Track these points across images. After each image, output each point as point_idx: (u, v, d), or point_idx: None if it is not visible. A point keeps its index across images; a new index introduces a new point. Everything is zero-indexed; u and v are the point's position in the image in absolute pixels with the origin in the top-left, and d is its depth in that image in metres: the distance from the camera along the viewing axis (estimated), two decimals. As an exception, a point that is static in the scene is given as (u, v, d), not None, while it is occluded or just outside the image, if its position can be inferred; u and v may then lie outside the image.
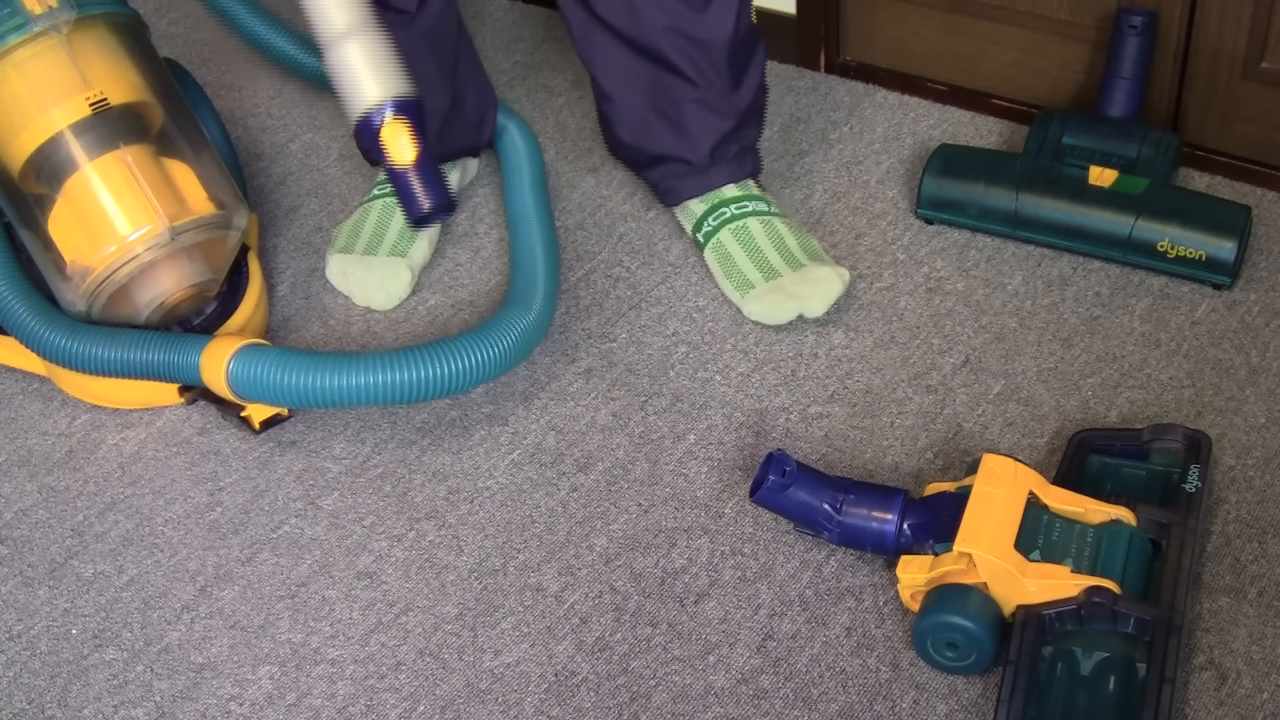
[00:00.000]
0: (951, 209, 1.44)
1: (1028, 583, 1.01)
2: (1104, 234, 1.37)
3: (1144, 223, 1.35)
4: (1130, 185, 1.38)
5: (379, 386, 1.18)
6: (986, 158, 1.47)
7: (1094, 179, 1.39)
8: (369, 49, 1.14)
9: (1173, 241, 1.34)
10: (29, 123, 1.25)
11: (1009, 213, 1.41)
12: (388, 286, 1.43)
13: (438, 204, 1.15)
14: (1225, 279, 1.33)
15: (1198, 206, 1.38)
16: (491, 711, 1.07)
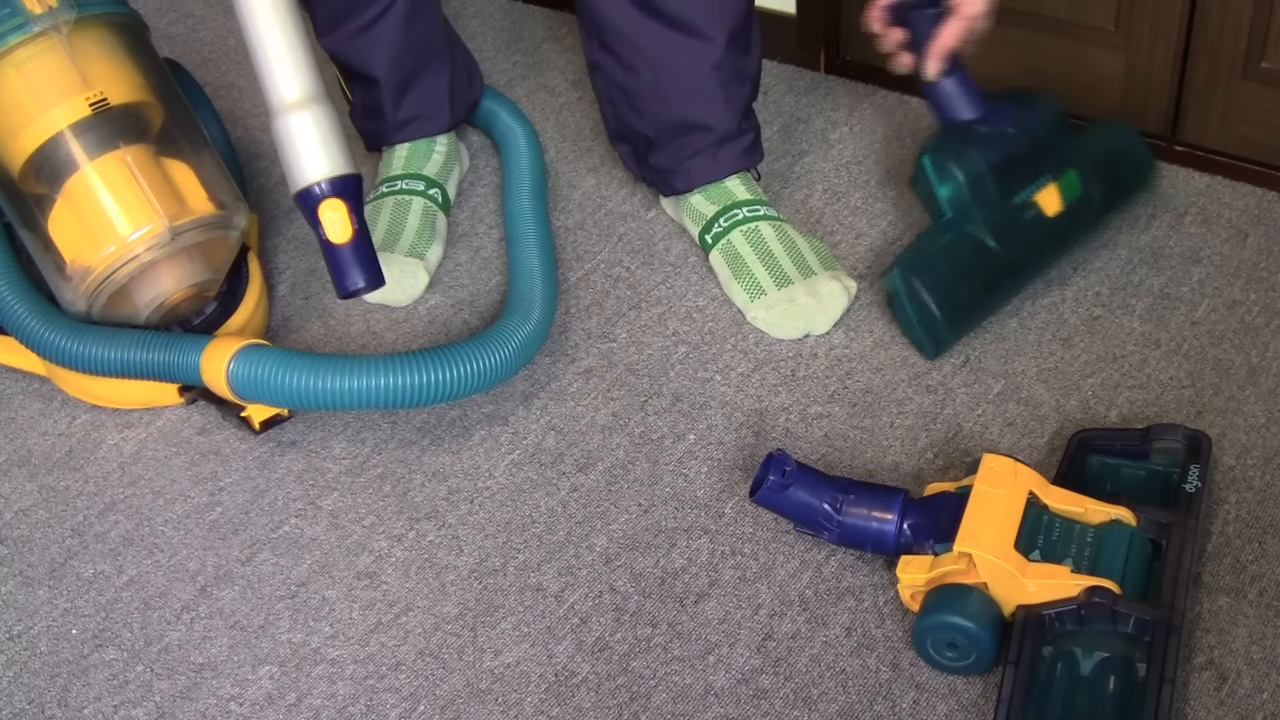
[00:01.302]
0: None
1: (1028, 583, 1.01)
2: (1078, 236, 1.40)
3: (1098, 207, 1.38)
4: (1069, 186, 1.35)
5: (380, 390, 1.18)
6: (952, 261, 1.32)
7: (1047, 206, 1.34)
8: (318, 122, 1.18)
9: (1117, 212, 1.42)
10: (29, 123, 1.25)
11: (1003, 295, 1.35)
12: (404, 284, 1.43)
13: (368, 282, 1.20)
14: (1150, 171, 1.43)
15: (1109, 150, 1.41)
16: (491, 711, 1.07)
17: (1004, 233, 1.31)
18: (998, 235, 1.31)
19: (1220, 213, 1.44)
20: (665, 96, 1.39)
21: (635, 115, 1.43)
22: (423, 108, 1.52)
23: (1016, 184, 1.32)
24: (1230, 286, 1.35)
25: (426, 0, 1.49)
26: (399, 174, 1.51)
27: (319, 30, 1.50)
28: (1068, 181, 1.34)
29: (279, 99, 1.18)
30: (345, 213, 1.17)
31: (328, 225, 1.16)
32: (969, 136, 1.33)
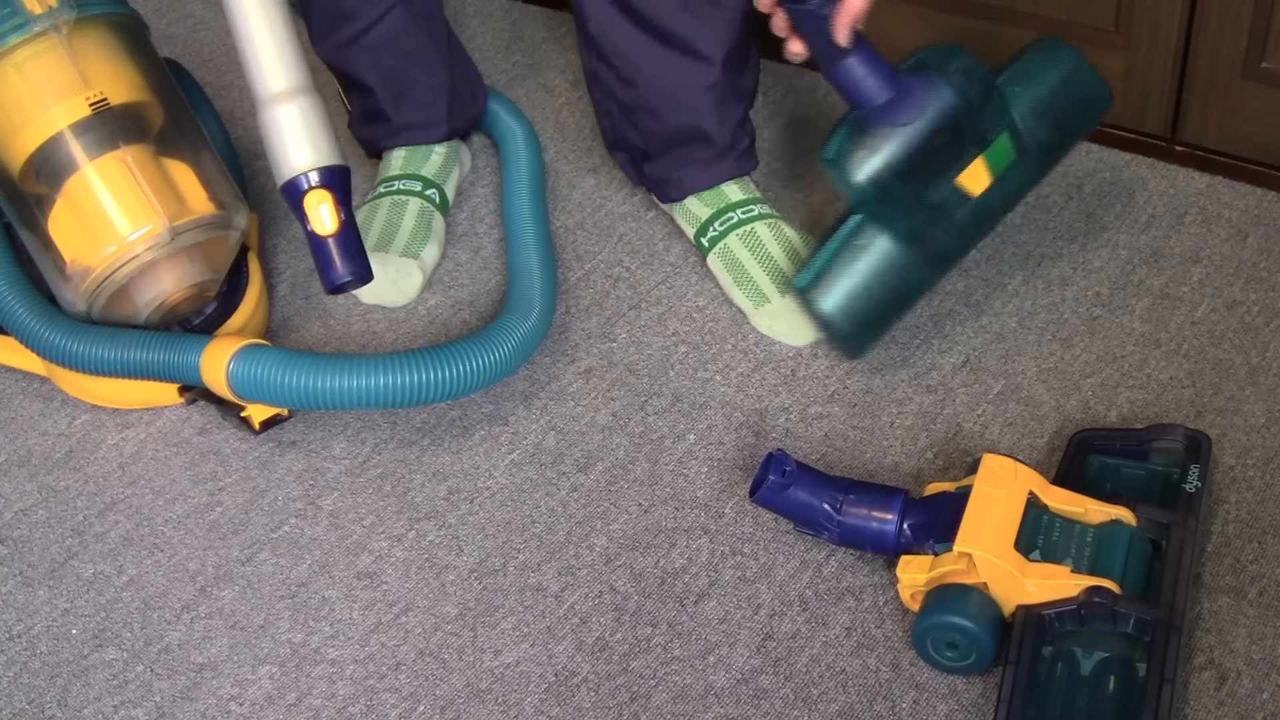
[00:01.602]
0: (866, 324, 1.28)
1: (1028, 583, 1.01)
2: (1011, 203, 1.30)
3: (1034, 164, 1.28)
4: (999, 154, 1.24)
5: (379, 389, 1.18)
6: (860, 274, 1.24)
7: (973, 185, 1.24)
8: (305, 112, 1.16)
9: (1063, 156, 1.31)
10: (29, 123, 1.25)
11: (927, 287, 1.28)
12: (400, 284, 1.43)
13: (355, 276, 1.17)
14: (1108, 100, 1.31)
15: (1042, 87, 1.27)
16: (491, 711, 1.07)
17: (921, 231, 1.23)
18: (913, 237, 1.23)
19: (1220, 213, 1.44)
20: (659, 112, 1.39)
21: (631, 127, 1.43)
22: (419, 117, 1.52)
23: (933, 173, 1.22)
24: (1230, 286, 1.35)
25: (424, 11, 1.48)
26: (396, 174, 1.51)
27: (314, 38, 1.50)
28: (997, 150, 1.24)
29: (265, 90, 1.17)
30: (332, 204, 1.15)
31: (313, 217, 1.14)
32: (871, 132, 1.20)
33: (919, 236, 1.23)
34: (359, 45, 1.47)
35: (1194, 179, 1.48)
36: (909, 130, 1.20)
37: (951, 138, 1.21)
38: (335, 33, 1.47)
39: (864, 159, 1.20)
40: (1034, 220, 1.46)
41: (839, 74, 1.20)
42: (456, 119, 1.54)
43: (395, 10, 1.46)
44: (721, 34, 1.36)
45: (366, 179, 1.61)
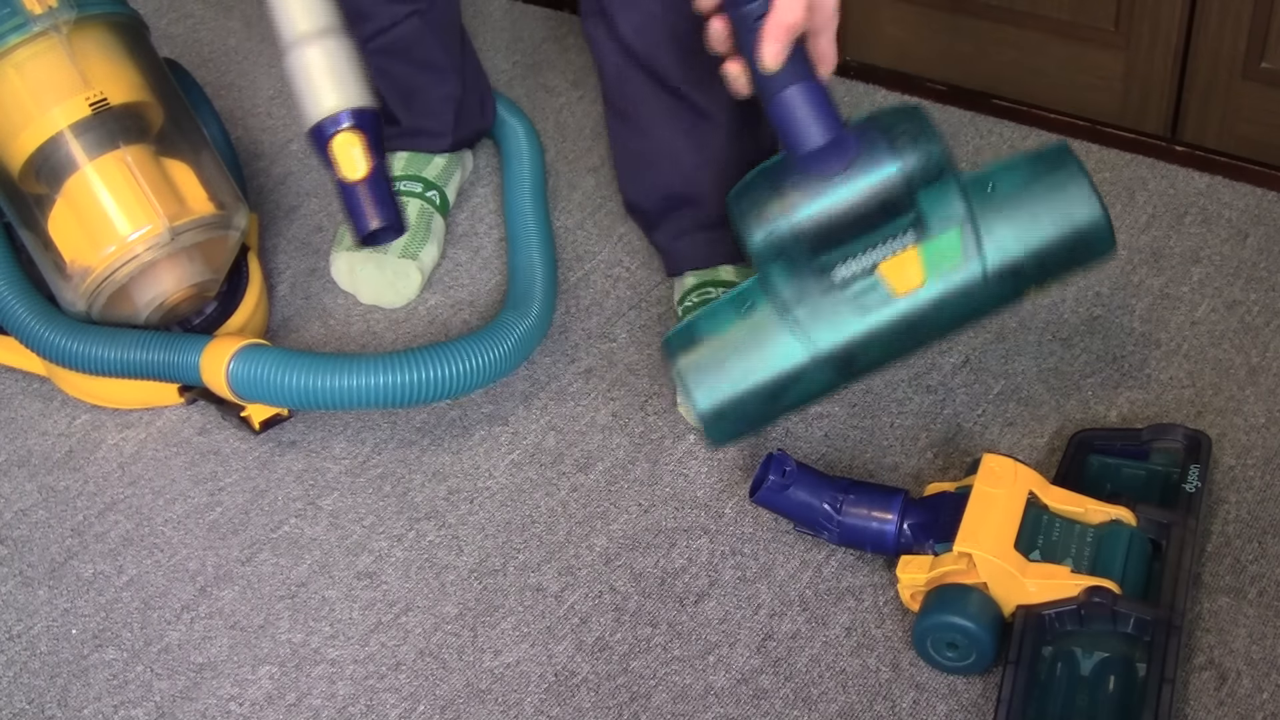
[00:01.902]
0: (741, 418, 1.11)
1: (1028, 583, 1.01)
2: (950, 324, 1.07)
3: (993, 286, 1.04)
4: (943, 252, 1.03)
5: (380, 388, 1.18)
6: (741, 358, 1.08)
7: (896, 277, 1.02)
8: (332, 54, 1.11)
9: (1039, 274, 1.05)
10: (29, 123, 1.25)
11: (818, 395, 1.10)
12: (398, 285, 1.43)
13: (387, 222, 1.09)
14: (1111, 247, 1.06)
15: (1024, 196, 1.05)
16: (491, 711, 1.07)
17: (821, 319, 1.04)
18: (810, 323, 1.04)
19: (1220, 213, 1.44)
20: (660, 167, 1.34)
21: (639, 182, 1.39)
22: (426, 124, 1.51)
23: (849, 249, 1.03)
24: (1230, 286, 1.35)
25: (441, 21, 1.47)
26: (398, 175, 1.51)
27: None
28: (940, 246, 1.02)
29: (290, 32, 1.12)
30: (361, 147, 1.07)
31: (342, 161, 1.05)
32: (786, 179, 1.02)
33: (817, 325, 1.04)
34: (372, 47, 1.47)
35: (1194, 179, 1.48)
36: (829, 186, 1.00)
37: (882, 212, 1.01)
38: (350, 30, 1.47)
39: (765, 205, 1.01)
40: (1034, 220, 1.46)
41: (774, 107, 1.01)
42: (463, 130, 1.53)
43: (412, 19, 1.45)
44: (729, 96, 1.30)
45: (366, 179, 1.61)
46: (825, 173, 1.00)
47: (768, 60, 0.99)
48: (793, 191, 1.01)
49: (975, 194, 1.04)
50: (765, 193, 1.02)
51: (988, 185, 1.05)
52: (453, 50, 1.49)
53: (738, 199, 1.04)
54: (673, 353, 1.09)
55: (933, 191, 1.02)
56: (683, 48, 1.23)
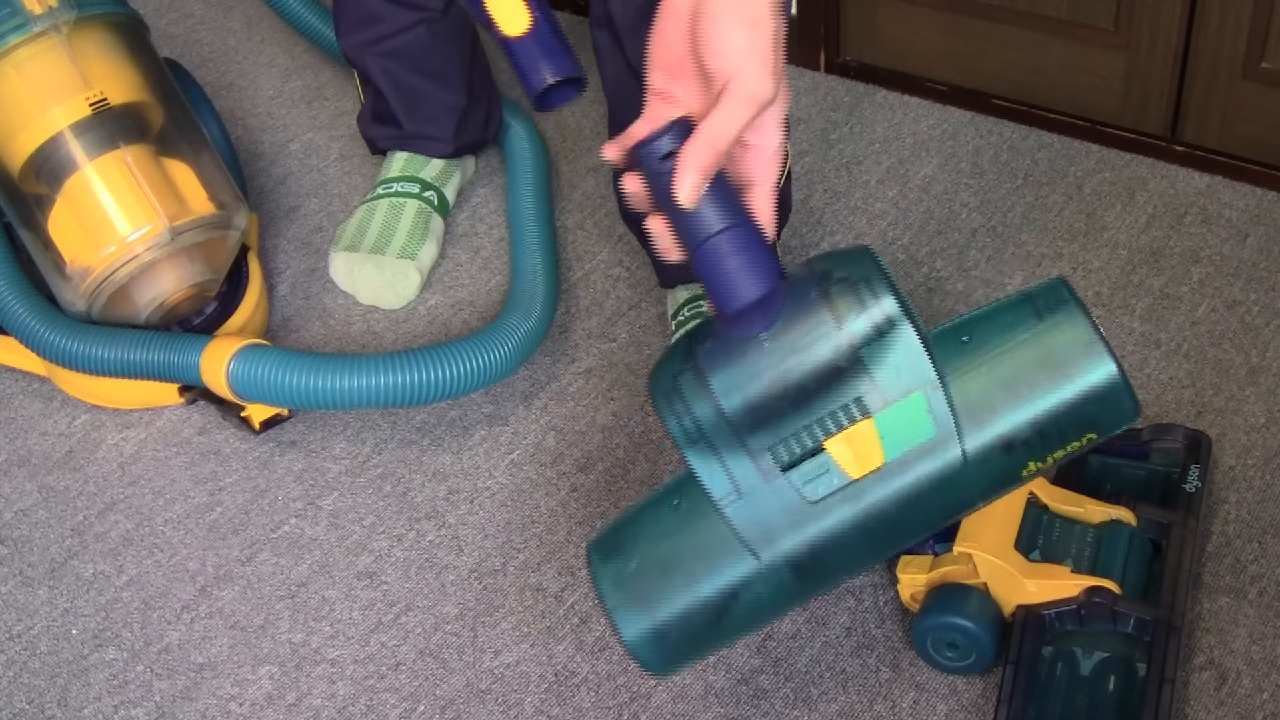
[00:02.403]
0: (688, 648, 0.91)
1: (1028, 583, 1.01)
2: (924, 521, 0.86)
3: (977, 464, 0.84)
4: (903, 422, 0.83)
5: (380, 389, 1.18)
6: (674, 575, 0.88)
7: (849, 461, 0.84)
8: None
9: (1040, 456, 0.84)
10: (29, 123, 1.25)
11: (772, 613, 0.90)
12: (397, 286, 1.43)
13: (559, 75, 0.90)
14: (1133, 418, 0.84)
15: (1030, 375, 0.83)
16: (491, 711, 1.07)
17: (765, 515, 0.85)
18: (752, 523, 0.85)
19: (1220, 213, 1.44)
20: None
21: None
22: (427, 130, 1.51)
23: (787, 427, 0.84)
24: (1230, 286, 1.35)
25: (450, 31, 1.46)
26: (396, 176, 1.51)
27: (340, 31, 1.49)
28: (901, 416, 0.83)
29: None
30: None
31: (498, 16, 0.90)
32: (700, 353, 0.84)
33: (760, 522, 0.85)
34: (379, 50, 1.47)
35: (1194, 179, 1.48)
36: (755, 353, 0.82)
37: (825, 380, 0.82)
38: (358, 32, 1.47)
39: (682, 387, 0.84)
40: (1034, 220, 1.46)
41: (699, 260, 0.83)
42: (463, 138, 1.53)
43: (420, 27, 1.45)
44: None
45: (366, 179, 1.61)
46: (746, 334, 0.82)
47: (682, 195, 0.80)
48: (711, 365, 0.83)
49: (946, 348, 0.84)
50: (680, 370, 0.85)
51: (961, 336, 0.84)
52: (461, 60, 1.49)
53: (653, 382, 0.87)
54: (595, 574, 0.90)
55: (886, 349, 0.82)
56: None
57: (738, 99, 0.80)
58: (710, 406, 0.83)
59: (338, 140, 1.68)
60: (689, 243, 0.83)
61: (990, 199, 1.49)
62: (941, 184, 1.52)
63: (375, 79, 1.49)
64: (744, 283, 0.83)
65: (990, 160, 1.55)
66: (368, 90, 1.54)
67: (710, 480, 0.85)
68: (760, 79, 0.80)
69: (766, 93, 0.80)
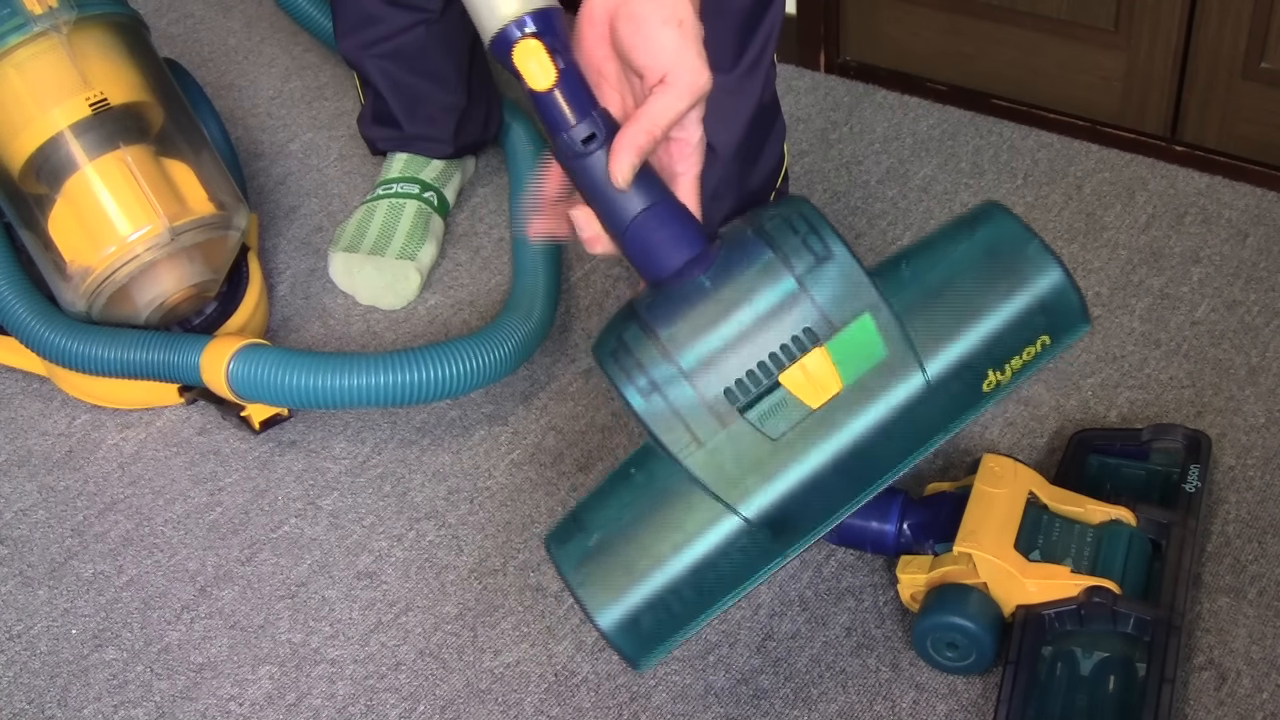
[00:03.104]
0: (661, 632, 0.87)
1: (1028, 583, 1.01)
2: (895, 448, 0.84)
3: (938, 383, 0.83)
4: (855, 345, 0.83)
5: (379, 388, 1.18)
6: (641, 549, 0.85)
7: (805, 390, 0.82)
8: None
9: (998, 362, 0.84)
10: (29, 123, 1.25)
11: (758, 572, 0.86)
12: (397, 287, 1.43)
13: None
14: (1085, 324, 0.86)
15: (972, 280, 0.84)
16: (491, 711, 1.07)
17: (727, 460, 0.83)
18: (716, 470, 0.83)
19: (1220, 213, 1.44)
20: None
21: None
22: (427, 131, 1.51)
23: (741, 366, 0.83)
24: (1230, 286, 1.35)
25: (449, 32, 1.46)
26: (396, 177, 1.51)
27: (338, 33, 1.49)
28: (852, 339, 0.83)
29: None
30: (544, 53, 0.93)
31: (525, 72, 0.91)
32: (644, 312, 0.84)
33: (724, 469, 0.83)
34: (378, 51, 1.47)
35: (1194, 179, 1.48)
36: (701, 291, 0.82)
37: (772, 317, 0.82)
38: (356, 34, 1.47)
39: (634, 349, 0.83)
40: (1034, 220, 1.46)
41: (629, 239, 0.84)
42: (463, 139, 1.53)
43: (419, 28, 1.45)
44: (731, 129, 1.24)
45: (366, 179, 1.61)
46: (690, 274, 0.82)
47: (618, 175, 0.82)
48: (655, 315, 0.83)
49: (887, 276, 0.85)
50: (625, 327, 0.84)
51: (901, 264, 0.85)
52: (460, 61, 1.49)
53: (598, 347, 0.85)
54: (556, 558, 0.87)
55: (827, 276, 0.82)
56: None
57: (676, 90, 0.82)
58: (659, 356, 0.82)
59: (338, 140, 1.68)
60: (617, 225, 0.84)
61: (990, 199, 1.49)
62: (941, 184, 1.52)
63: (374, 80, 1.49)
64: (673, 250, 0.84)
65: (990, 160, 1.55)
66: (367, 91, 1.54)
67: (667, 435, 0.83)
68: (697, 71, 0.82)
69: (703, 84, 0.83)
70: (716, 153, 1.25)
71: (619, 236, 0.85)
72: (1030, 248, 0.84)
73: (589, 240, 0.86)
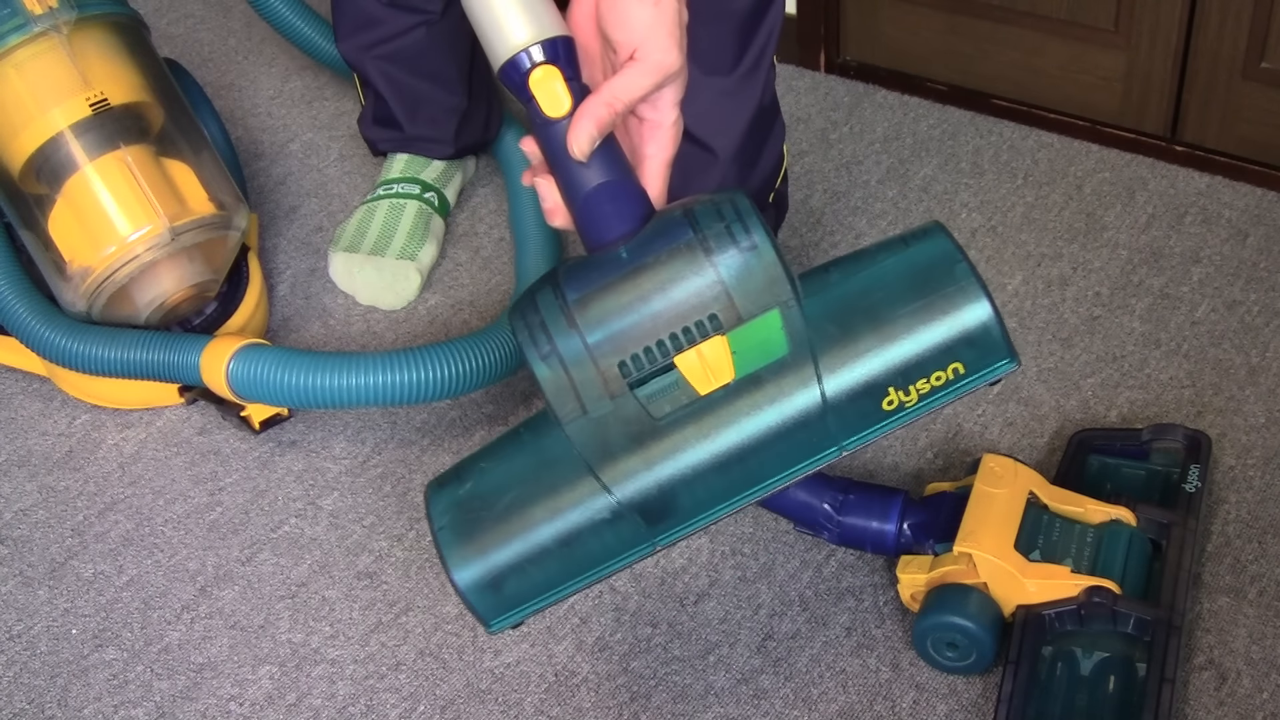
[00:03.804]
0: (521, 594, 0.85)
1: (1028, 583, 1.01)
2: (777, 452, 0.82)
3: (831, 384, 0.81)
4: (757, 339, 0.81)
5: (379, 387, 1.18)
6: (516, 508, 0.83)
7: (697, 376, 0.81)
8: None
9: (900, 382, 0.82)
10: (29, 123, 1.25)
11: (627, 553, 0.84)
12: (397, 288, 1.43)
13: None
14: (1008, 361, 0.82)
15: (891, 295, 0.82)
16: (491, 711, 1.07)
17: (608, 433, 0.82)
18: (593, 442, 0.82)
19: (1220, 213, 1.44)
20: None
21: None
22: (428, 132, 1.51)
23: (640, 347, 0.81)
24: (1230, 286, 1.35)
25: (449, 33, 1.46)
26: (396, 177, 1.51)
27: (338, 35, 1.49)
28: (755, 332, 0.81)
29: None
30: (560, 80, 0.91)
31: (541, 99, 0.90)
32: (565, 275, 0.83)
33: (602, 442, 0.82)
34: (378, 53, 1.47)
35: (1194, 179, 1.48)
36: (616, 261, 0.82)
37: (681, 293, 0.81)
38: (356, 35, 1.47)
39: (536, 298, 0.83)
40: (1034, 220, 1.46)
41: (582, 209, 0.85)
42: (464, 140, 1.53)
43: (419, 29, 1.45)
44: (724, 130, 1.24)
45: (366, 179, 1.61)
46: (605, 241, 0.83)
47: (575, 146, 0.82)
48: (568, 277, 0.82)
49: (811, 280, 0.83)
50: (540, 287, 0.83)
51: (830, 270, 0.84)
52: (460, 62, 1.49)
53: (513, 306, 0.84)
54: (429, 504, 0.85)
55: (746, 268, 0.81)
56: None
57: (643, 67, 0.83)
58: (563, 320, 0.81)
59: (338, 140, 1.68)
60: (573, 196, 0.84)
61: (990, 199, 1.49)
62: (941, 184, 1.52)
63: (375, 82, 1.49)
64: (614, 224, 0.84)
65: (990, 160, 1.55)
66: (368, 92, 1.54)
67: (556, 397, 0.82)
68: (666, 50, 0.83)
69: (671, 64, 0.83)
70: (716, 155, 1.25)
71: (572, 208, 0.85)
72: (957, 269, 0.82)
73: (549, 211, 0.86)
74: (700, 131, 1.22)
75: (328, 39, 1.64)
